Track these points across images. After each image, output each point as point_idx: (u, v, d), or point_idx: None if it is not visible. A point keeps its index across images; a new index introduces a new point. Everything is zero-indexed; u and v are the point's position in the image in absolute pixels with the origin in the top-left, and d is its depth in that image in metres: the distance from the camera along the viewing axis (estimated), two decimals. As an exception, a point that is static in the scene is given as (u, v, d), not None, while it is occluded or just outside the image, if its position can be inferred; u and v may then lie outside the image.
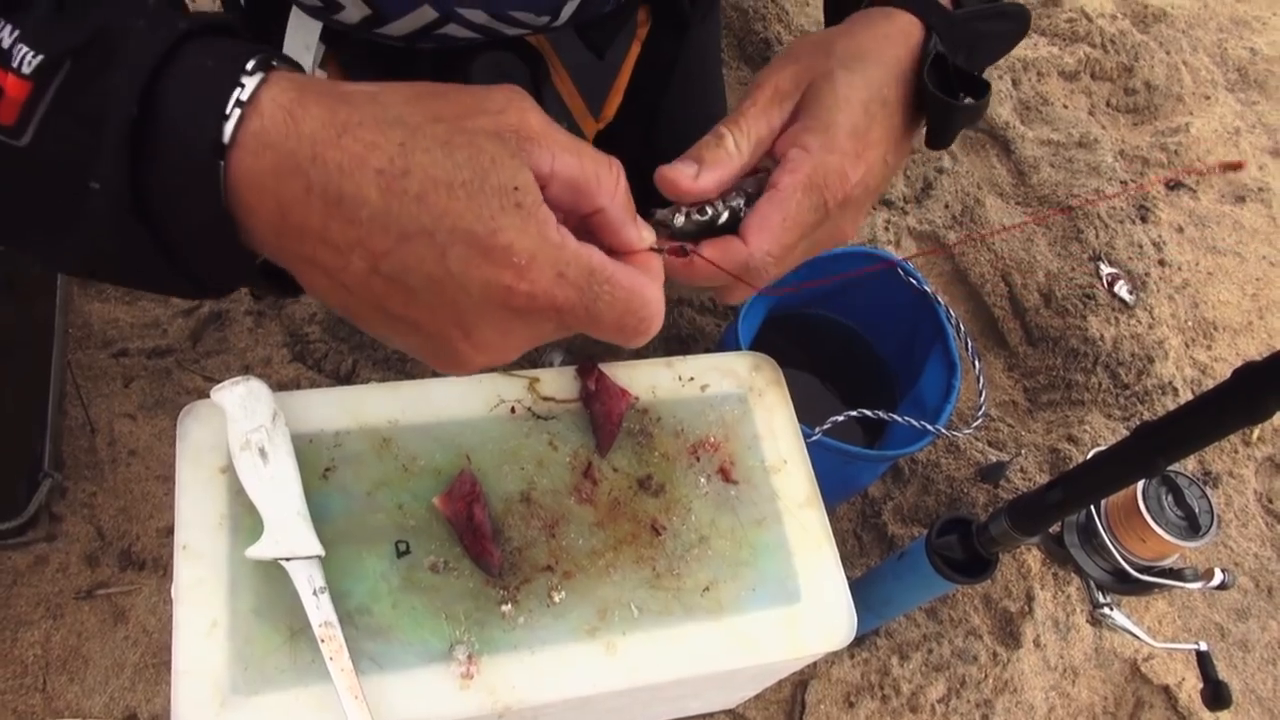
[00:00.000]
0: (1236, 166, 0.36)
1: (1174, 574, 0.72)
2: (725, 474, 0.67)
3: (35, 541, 0.81)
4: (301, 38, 0.68)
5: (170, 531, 0.90)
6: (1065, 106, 1.55)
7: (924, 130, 0.52)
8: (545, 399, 0.67)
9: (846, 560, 1.08)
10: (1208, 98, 1.61)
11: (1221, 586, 0.71)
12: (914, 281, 0.95)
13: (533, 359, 1.02)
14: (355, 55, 0.71)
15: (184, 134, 0.35)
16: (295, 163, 0.34)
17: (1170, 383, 1.23)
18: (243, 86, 0.35)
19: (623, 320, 0.39)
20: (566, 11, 0.65)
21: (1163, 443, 0.55)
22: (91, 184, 0.35)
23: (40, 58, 0.34)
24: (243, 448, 0.59)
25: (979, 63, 0.53)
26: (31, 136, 0.34)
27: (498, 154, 0.35)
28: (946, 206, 1.31)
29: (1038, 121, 1.51)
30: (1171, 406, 1.24)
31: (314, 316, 1.01)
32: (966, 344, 0.92)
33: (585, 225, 0.41)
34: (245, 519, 0.58)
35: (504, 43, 0.70)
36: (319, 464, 0.61)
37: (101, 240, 0.37)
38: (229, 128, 0.34)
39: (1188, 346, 1.31)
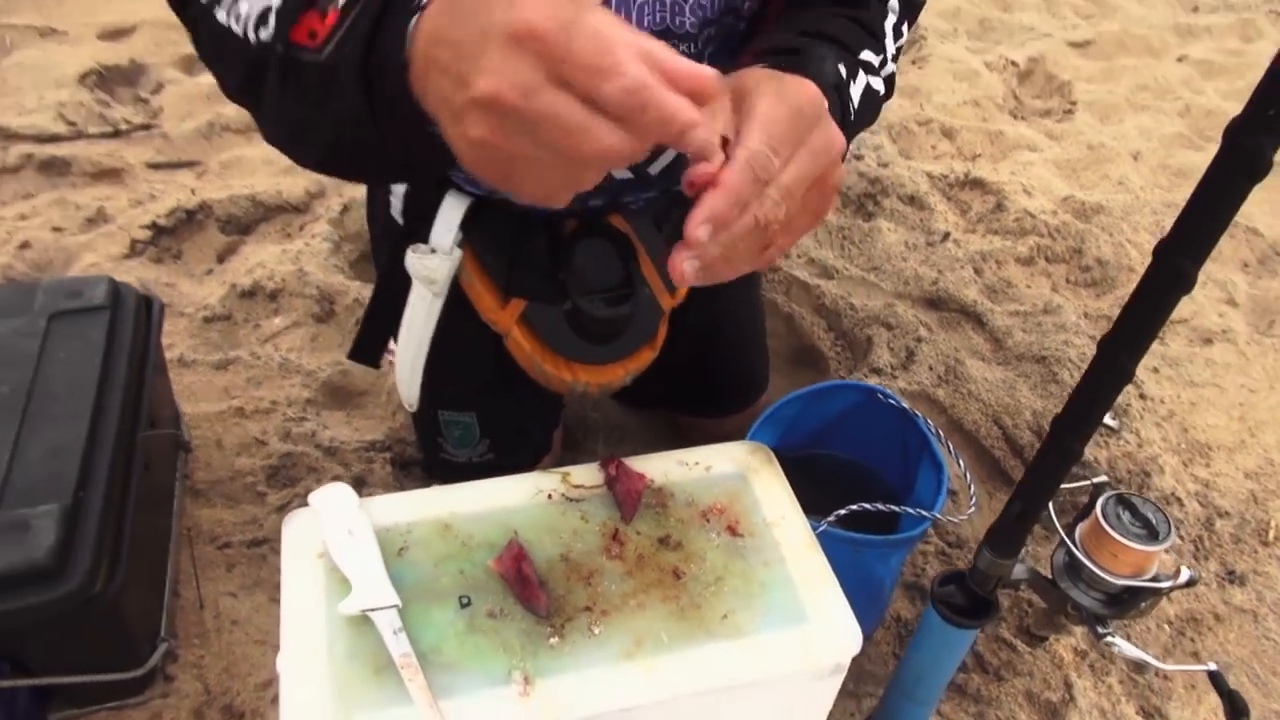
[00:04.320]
0: None
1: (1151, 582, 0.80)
2: (733, 529, 0.78)
3: (152, 699, 0.92)
4: (447, 221, 0.90)
5: (267, 685, 1.00)
6: (1028, 286, 1.76)
7: None
8: (576, 486, 0.81)
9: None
10: (1156, 265, 1.81)
11: (1190, 583, 0.78)
12: (892, 403, 1.10)
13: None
14: (485, 234, 0.92)
15: (401, 12, 0.51)
16: (431, 26, 0.49)
17: (1173, 494, 1.31)
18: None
19: (597, 61, 0.42)
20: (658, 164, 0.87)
21: (1123, 340, 0.65)
22: (344, 61, 0.52)
23: (342, 5, 0.53)
24: (333, 529, 0.74)
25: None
26: (329, 52, 0.53)
27: None
28: (930, 368, 1.48)
29: (1005, 299, 1.71)
30: (1179, 516, 1.31)
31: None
32: (948, 447, 1.05)
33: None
34: (337, 588, 0.71)
35: (600, 229, 0.91)
36: (394, 546, 0.75)
37: (343, 105, 0.53)
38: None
39: (1186, 465, 1.40)
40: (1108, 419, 1.41)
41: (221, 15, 0.61)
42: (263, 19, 0.58)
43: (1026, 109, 2.35)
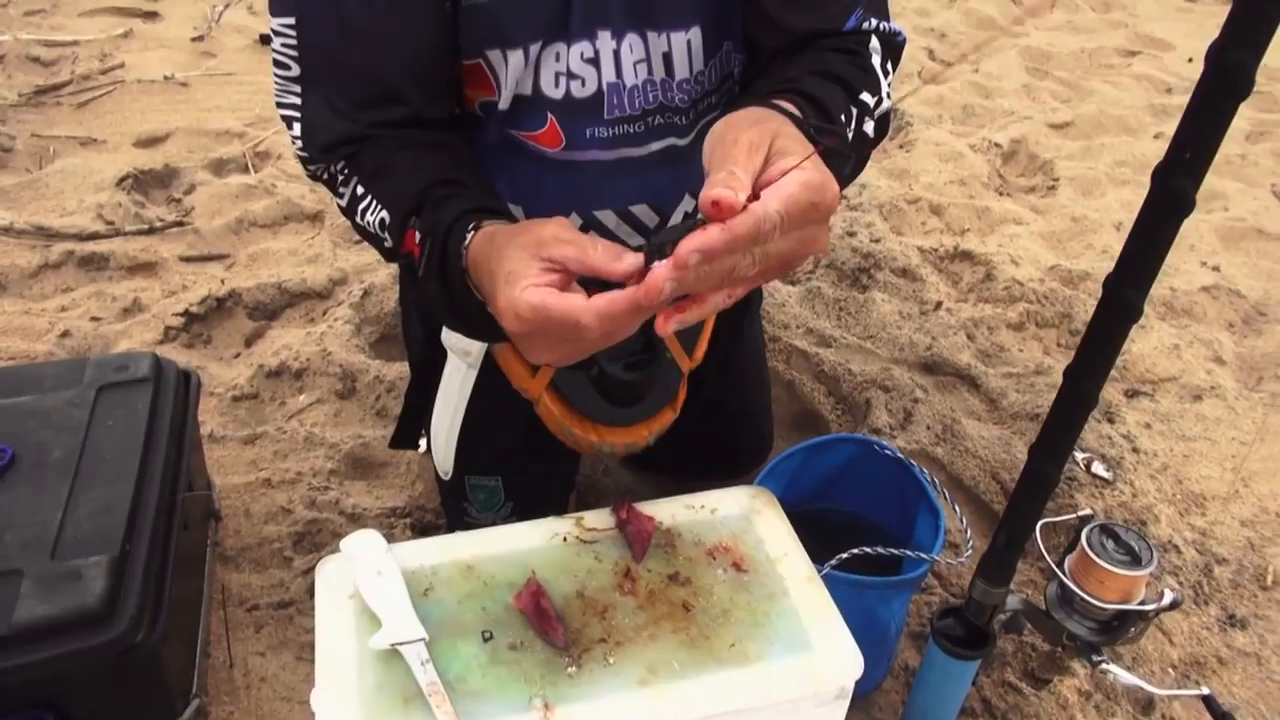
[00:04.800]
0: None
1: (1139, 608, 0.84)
2: (738, 566, 0.83)
3: (185, 755, 0.95)
4: None
5: (292, 739, 1.03)
6: (1020, 350, 1.82)
7: None
8: (590, 529, 0.87)
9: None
10: (1144, 327, 1.88)
11: (1174, 604, 0.83)
12: (888, 454, 1.15)
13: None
14: None
15: (454, 239, 0.73)
16: (475, 255, 0.71)
17: (1170, 541, 1.35)
18: (477, 228, 0.73)
19: (571, 331, 0.61)
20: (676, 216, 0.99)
21: (1085, 367, 0.72)
22: (428, 273, 0.76)
23: (420, 234, 0.76)
24: (364, 571, 0.79)
25: None
26: (423, 267, 0.75)
27: (515, 253, 0.65)
28: (928, 428, 1.53)
29: (998, 363, 1.77)
30: (1176, 563, 1.35)
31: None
32: (944, 493, 1.10)
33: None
34: (368, 625, 0.76)
35: None
36: (421, 586, 0.80)
37: (432, 290, 0.76)
38: (468, 238, 0.72)
39: (1182, 515, 1.43)
40: (1101, 470, 1.45)
41: (358, 219, 0.82)
42: (383, 227, 0.80)
43: (1011, 186, 2.47)
